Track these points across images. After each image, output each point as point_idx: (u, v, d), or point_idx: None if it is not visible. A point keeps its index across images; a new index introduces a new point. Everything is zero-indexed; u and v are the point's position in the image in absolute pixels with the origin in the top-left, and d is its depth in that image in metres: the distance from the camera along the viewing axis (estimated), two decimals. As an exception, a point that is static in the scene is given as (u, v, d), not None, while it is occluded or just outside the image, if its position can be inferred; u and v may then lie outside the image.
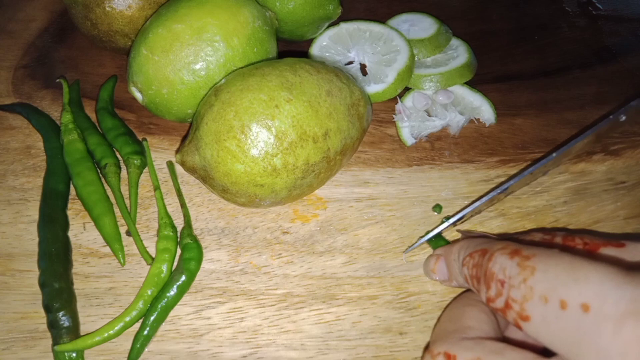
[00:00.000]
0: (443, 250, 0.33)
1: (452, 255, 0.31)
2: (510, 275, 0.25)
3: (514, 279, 0.25)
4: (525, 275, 0.24)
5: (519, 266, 0.25)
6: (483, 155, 0.42)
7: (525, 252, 0.25)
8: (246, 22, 0.37)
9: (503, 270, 0.26)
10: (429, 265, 0.34)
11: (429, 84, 0.45)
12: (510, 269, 0.25)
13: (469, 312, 0.28)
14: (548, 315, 0.23)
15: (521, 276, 0.24)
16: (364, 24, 0.47)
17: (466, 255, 0.29)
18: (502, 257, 0.26)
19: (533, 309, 0.24)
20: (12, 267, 0.35)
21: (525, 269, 0.24)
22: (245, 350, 0.32)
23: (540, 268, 0.24)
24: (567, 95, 0.47)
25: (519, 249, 0.26)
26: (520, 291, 0.24)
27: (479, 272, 0.27)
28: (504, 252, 0.26)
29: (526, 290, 0.24)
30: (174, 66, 0.36)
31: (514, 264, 0.25)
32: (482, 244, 0.29)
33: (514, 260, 0.25)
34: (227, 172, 0.32)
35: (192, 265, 0.34)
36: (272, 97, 0.32)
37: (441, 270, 0.33)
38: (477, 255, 0.28)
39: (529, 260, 0.25)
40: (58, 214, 0.36)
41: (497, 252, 0.27)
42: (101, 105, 0.43)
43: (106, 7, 0.41)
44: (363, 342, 0.32)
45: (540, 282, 0.24)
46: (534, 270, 0.24)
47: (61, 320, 0.31)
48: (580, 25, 0.54)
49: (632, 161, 0.42)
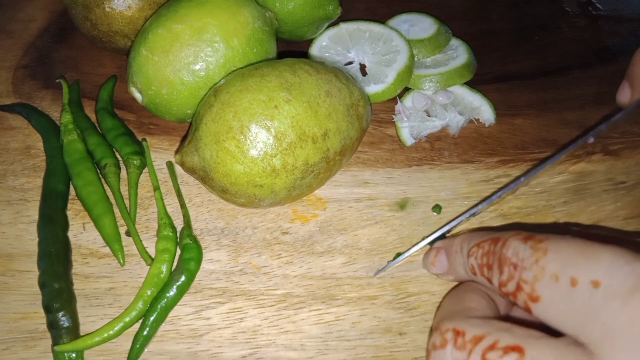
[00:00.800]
0: (443, 243, 0.33)
1: (454, 247, 0.31)
2: (523, 258, 0.25)
3: (527, 261, 0.25)
4: (538, 256, 0.24)
5: (532, 249, 0.25)
6: (483, 156, 0.42)
7: (538, 236, 0.26)
8: (246, 23, 0.37)
9: (516, 254, 0.26)
10: (428, 258, 0.34)
11: (428, 84, 0.45)
12: (523, 252, 0.25)
13: (470, 296, 0.29)
14: (558, 293, 0.23)
15: (533, 257, 0.25)
16: (363, 24, 0.47)
17: (473, 246, 0.29)
18: (516, 242, 0.26)
19: (544, 289, 0.24)
20: (12, 268, 0.35)
21: (538, 250, 0.25)
22: (245, 351, 0.32)
23: (553, 249, 0.24)
24: (567, 95, 0.47)
25: (532, 234, 0.26)
26: (531, 272, 0.24)
27: (491, 259, 0.27)
28: (518, 238, 0.26)
29: (537, 271, 0.24)
30: (173, 66, 0.36)
31: (527, 247, 0.25)
32: (489, 234, 0.29)
33: (527, 244, 0.25)
34: (226, 173, 0.32)
35: (192, 266, 0.34)
36: (271, 97, 0.32)
37: (441, 263, 0.32)
38: (487, 244, 0.28)
39: (541, 242, 0.25)
40: (58, 214, 0.36)
41: (511, 237, 0.27)
42: (101, 105, 0.43)
43: (106, 8, 0.41)
44: (363, 343, 0.32)
45: (551, 261, 0.24)
46: (546, 251, 0.24)
47: (61, 320, 0.31)
48: (580, 25, 0.54)
49: (632, 161, 0.42)
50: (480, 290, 0.29)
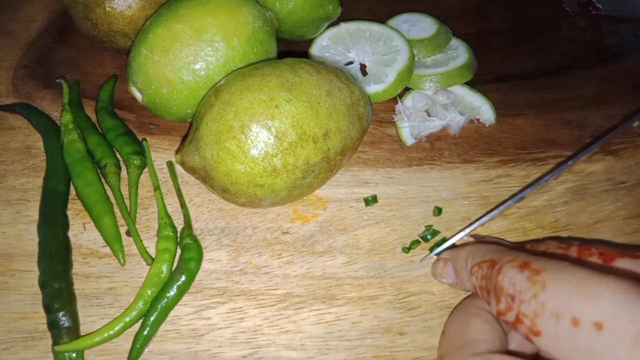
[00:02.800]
0: (450, 255, 0.33)
1: (460, 262, 0.31)
2: (520, 290, 0.25)
3: (524, 294, 0.25)
4: (536, 290, 0.24)
5: (529, 280, 0.25)
6: (483, 156, 0.42)
7: (534, 266, 0.25)
8: (246, 23, 0.37)
9: (513, 284, 0.25)
10: (436, 269, 0.33)
11: (429, 84, 0.45)
12: (520, 283, 0.25)
13: (473, 324, 0.28)
14: (560, 332, 0.23)
15: (531, 291, 0.24)
16: (364, 24, 0.47)
17: (474, 264, 0.29)
18: (512, 271, 0.26)
19: (544, 325, 0.23)
20: (12, 268, 0.35)
21: (536, 283, 0.24)
22: (245, 351, 0.32)
23: (551, 283, 0.24)
24: (567, 95, 0.47)
25: (528, 262, 0.26)
26: (531, 306, 0.24)
27: (488, 284, 0.27)
28: (513, 265, 0.26)
29: (537, 306, 0.24)
30: (173, 66, 0.36)
31: (524, 277, 0.25)
32: (490, 253, 0.29)
33: (524, 274, 0.25)
34: (227, 172, 0.32)
35: (192, 266, 0.34)
36: (272, 97, 0.32)
37: (449, 275, 0.32)
38: (485, 266, 0.28)
39: (539, 274, 0.24)
40: (58, 214, 0.36)
41: (506, 264, 0.26)
42: (101, 105, 0.43)
43: (106, 7, 0.41)
44: (363, 342, 0.32)
45: (551, 297, 0.23)
46: (545, 285, 0.24)
47: (61, 320, 0.31)
48: (580, 25, 0.54)
49: (632, 161, 0.42)
50: (485, 313, 0.28)
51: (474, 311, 0.29)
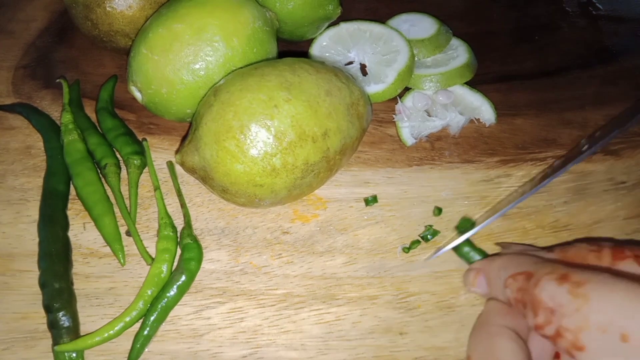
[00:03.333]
0: (483, 265, 0.32)
1: (493, 272, 0.30)
2: (561, 304, 0.24)
3: (567, 308, 0.24)
4: (579, 304, 0.23)
5: (570, 294, 0.24)
6: (483, 156, 0.42)
7: (575, 278, 0.24)
8: (246, 23, 0.37)
9: (552, 297, 0.25)
10: (468, 278, 0.33)
11: (429, 84, 0.45)
12: (560, 296, 0.24)
13: (500, 344, 0.27)
14: (607, 347, 0.22)
15: (574, 305, 0.24)
16: (364, 24, 0.47)
17: (508, 277, 0.28)
18: (550, 283, 0.25)
19: (589, 340, 0.23)
20: (12, 267, 0.35)
21: (578, 297, 0.24)
22: (246, 351, 0.32)
23: (595, 297, 0.23)
24: (568, 95, 0.47)
25: (567, 274, 0.25)
26: (573, 320, 0.23)
27: (524, 296, 0.26)
28: (552, 278, 0.25)
29: (581, 320, 0.23)
30: (173, 66, 0.36)
31: (564, 291, 0.24)
32: (525, 264, 0.28)
33: (564, 287, 0.24)
34: (226, 172, 0.32)
35: (192, 266, 0.34)
36: (271, 97, 0.32)
37: (482, 285, 0.32)
38: (521, 279, 0.27)
39: (580, 287, 0.24)
40: (58, 214, 0.36)
41: (545, 277, 0.26)
42: (101, 105, 0.43)
43: (107, 7, 0.41)
44: (363, 342, 0.32)
45: (596, 312, 0.23)
46: (588, 298, 0.23)
47: (61, 320, 0.31)
48: (581, 26, 0.54)
49: (632, 161, 0.42)
50: (507, 331, 0.27)
51: (496, 330, 0.28)
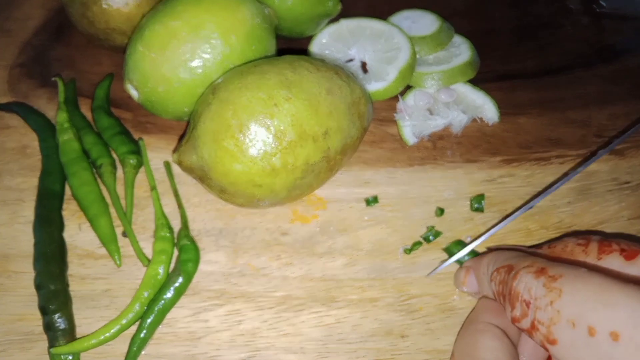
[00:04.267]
0: (473, 263, 0.32)
1: (482, 269, 0.31)
2: (536, 297, 0.25)
3: (540, 301, 0.24)
4: (552, 297, 0.24)
5: (545, 287, 0.24)
6: (486, 155, 0.41)
7: (551, 272, 0.25)
8: (244, 20, 0.37)
9: (528, 290, 0.25)
10: (459, 277, 0.33)
11: (430, 82, 0.44)
12: (535, 289, 0.25)
13: (482, 342, 0.28)
14: (576, 340, 0.22)
15: (548, 298, 0.24)
16: (364, 21, 0.46)
17: (493, 270, 0.29)
18: (528, 276, 0.26)
19: (560, 333, 0.23)
20: (8, 269, 0.34)
21: (552, 290, 0.24)
22: (244, 354, 0.32)
23: (567, 290, 0.23)
24: (571, 94, 0.47)
25: (545, 267, 0.25)
26: (546, 314, 0.24)
27: (504, 289, 0.27)
28: (529, 271, 0.26)
29: (553, 314, 0.23)
30: (170, 63, 0.35)
31: (540, 284, 0.25)
32: (509, 259, 0.28)
33: (540, 280, 0.25)
34: (225, 172, 0.31)
35: (190, 267, 0.33)
36: (271, 95, 0.31)
37: (471, 284, 0.32)
38: (503, 272, 0.28)
39: (555, 281, 0.24)
40: (54, 214, 0.36)
41: (522, 270, 0.26)
42: (97, 104, 0.42)
43: (103, 5, 0.41)
44: (364, 345, 0.32)
45: (567, 305, 0.23)
46: (561, 292, 0.24)
47: (57, 322, 0.31)
48: (584, 24, 0.54)
49: (637, 161, 0.41)
50: (493, 328, 0.28)
51: (481, 327, 0.28)
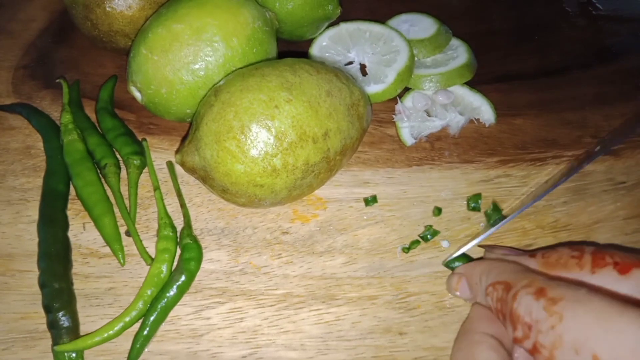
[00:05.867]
0: (465, 270, 0.32)
1: (474, 278, 0.31)
2: (537, 320, 0.24)
3: (542, 324, 0.24)
4: (553, 322, 0.24)
5: (545, 310, 0.24)
6: (483, 156, 0.42)
7: (550, 294, 0.25)
8: (246, 23, 0.37)
9: (529, 313, 0.25)
10: (451, 283, 0.33)
11: (428, 84, 0.45)
12: (536, 312, 0.25)
13: (479, 354, 0.27)
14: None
15: (549, 322, 0.24)
16: (364, 24, 0.47)
17: (489, 285, 0.29)
18: (527, 297, 0.25)
19: (563, 358, 0.23)
20: (12, 268, 0.35)
21: (553, 314, 0.24)
22: (245, 351, 0.32)
23: (568, 315, 0.23)
24: (567, 95, 0.47)
25: (544, 288, 0.25)
26: (548, 337, 0.24)
27: (504, 308, 0.27)
28: (529, 292, 0.26)
29: (555, 338, 0.23)
30: (173, 66, 0.36)
31: (540, 306, 0.24)
32: (505, 273, 0.28)
33: (540, 303, 0.25)
34: (226, 173, 0.32)
35: (192, 266, 0.34)
36: (271, 97, 0.32)
37: (464, 291, 0.32)
38: (500, 289, 0.27)
39: (556, 304, 0.24)
40: (58, 214, 0.36)
41: (522, 290, 0.26)
42: (101, 105, 0.43)
43: (107, 8, 0.41)
44: (363, 343, 0.32)
45: (569, 331, 0.23)
46: (562, 317, 0.23)
47: (61, 320, 0.31)
48: (581, 25, 0.54)
49: (632, 161, 0.42)
50: (489, 339, 0.28)
51: (477, 338, 0.28)
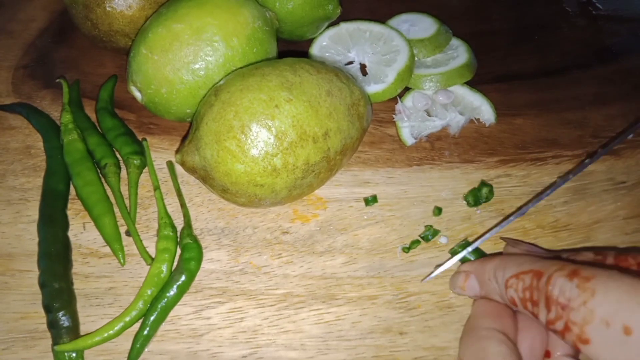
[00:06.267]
0: (473, 268, 0.32)
1: (487, 275, 0.30)
2: (570, 297, 0.24)
3: (574, 301, 0.24)
4: (585, 297, 0.24)
5: (578, 288, 0.24)
6: (483, 155, 0.42)
7: (584, 273, 0.25)
8: (246, 23, 0.37)
9: (563, 293, 0.25)
10: (457, 282, 0.32)
11: (429, 84, 0.45)
12: (570, 291, 0.25)
13: (490, 348, 0.27)
14: (610, 340, 0.22)
15: (581, 298, 0.24)
16: (364, 24, 0.47)
17: (510, 277, 0.28)
18: (561, 279, 0.25)
19: (594, 333, 0.23)
20: (12, 267, 0.35)
21: (586, 290, 0.24)
22: (245, 351, 0.32)
23: (601, 290, 0.23)
24: (567, 95, 0.47)
25: (577, 269, 0.25)
26: (580, 314, 0.24)
27: (535, 295, 0.27)
28: (562, 274, 0.26)
29: (586, 313, 0.23)
30: (173, 66, 0.36)
31: (574, 285, 0.25)
32: (529, 263, 0.28)
33: (573, 282, 0.25)
34: (227, 172, 0.32)
35: (192, 265, 0.34)
36: (272, 97, 0.32)
37: (472, 288, 0.31)
38: (528, 278, 0.27)
39: (588, 281, 0.24)
40: (58, 214, 0.36)
41: (556, 273, 0.26)
42: (101, 105, 0.43)
43: (107, 7, 0.41)
44: (363, 342, 0.32)
45: (601, 305, 0.23)
46: (594, 292, 0.24)
47: (61, 320, 0.31)
48: (581, 25, 0.54)
49: (632, 161, 0.42)
50: (497, 334, 0.28)
51: (485, 333, 0.28)
